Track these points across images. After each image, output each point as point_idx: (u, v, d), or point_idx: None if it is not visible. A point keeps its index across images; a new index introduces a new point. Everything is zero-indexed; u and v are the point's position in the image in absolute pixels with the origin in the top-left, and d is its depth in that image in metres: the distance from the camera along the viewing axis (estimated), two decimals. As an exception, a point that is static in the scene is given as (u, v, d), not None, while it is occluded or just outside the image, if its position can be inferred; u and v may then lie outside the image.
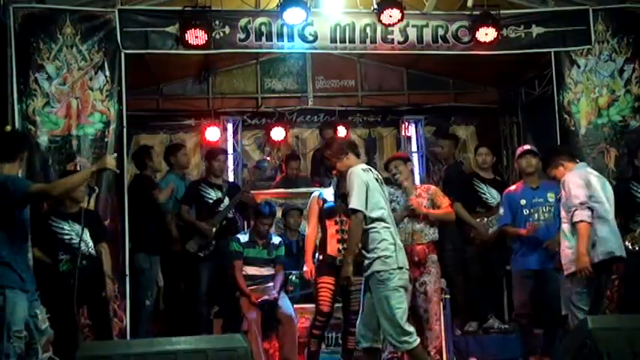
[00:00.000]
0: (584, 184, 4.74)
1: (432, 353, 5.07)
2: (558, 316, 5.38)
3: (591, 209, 4.67)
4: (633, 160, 5.95)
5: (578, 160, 5.17)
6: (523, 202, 5.53)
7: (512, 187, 5.77)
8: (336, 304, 5.29)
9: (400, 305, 4.28)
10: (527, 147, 5.78)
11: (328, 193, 5.29)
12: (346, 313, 5.25)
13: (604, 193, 4.80)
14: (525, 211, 5.50)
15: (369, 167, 4.62)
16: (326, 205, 5.24)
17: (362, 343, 4.49)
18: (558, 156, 5.07)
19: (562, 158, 5.02)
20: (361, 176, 4.41)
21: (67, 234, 5.08)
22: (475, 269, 6.51)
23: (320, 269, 5.16)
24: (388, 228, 4.41)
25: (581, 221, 4.65)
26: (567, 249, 4.77)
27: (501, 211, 5.67)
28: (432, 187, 5.64)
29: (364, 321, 4.47)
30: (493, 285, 6.62)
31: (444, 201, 5.39)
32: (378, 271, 4.31)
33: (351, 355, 5.24)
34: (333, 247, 5.15)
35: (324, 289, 5.09)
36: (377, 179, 4.51)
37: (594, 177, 4.86)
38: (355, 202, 4.34)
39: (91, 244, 5.16)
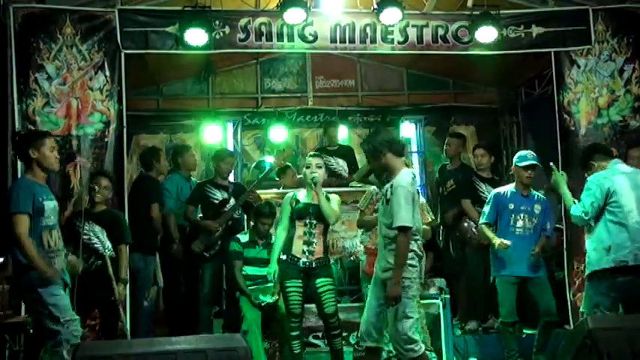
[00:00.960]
0: (599, 194, 4.74)
1: None
2: (553, 316, 5.39)
3: (597, 218, 4.75)
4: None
5: (613, 157, 5.09)
6: (511, 206, 5.47)
7: (502, 190, 5.64)
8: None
9: (412, 314, 4.27)
10: (532, 161, 5.46)
11: (302, 195, 5.28)
12: (323, 317, 5.18)
13: (635, 191, 4.76)
14: (511, 216, 5.46)
15: (413, 174, 4.43)
16: (297, 207, 5.19)
17: (367, 342, 4.48)
18: (590, 157, 5.04)
19: (594, 158, 5.00)
20: (409, 189, 4.29)
21: (85, 234, 5.10)
22: (475, 269, 6.50)
23: (285, 272, 5.12)
24: (417, 240, 4.38)
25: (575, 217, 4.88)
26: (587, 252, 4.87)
27: (486, 208, 5.58)
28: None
29: (371, 320, 4.45)
30: (493, 285, 6.59)
31: None
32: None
33: (339, 355, 5.22)
34: (297, 248, 5.13)
35: (293, 292, 5.07)
36: (417, 190, 4.46)
37: (620, 177, 4.81)
38: (405, 219, 4.23)
39: (108, 244, 5.18)
